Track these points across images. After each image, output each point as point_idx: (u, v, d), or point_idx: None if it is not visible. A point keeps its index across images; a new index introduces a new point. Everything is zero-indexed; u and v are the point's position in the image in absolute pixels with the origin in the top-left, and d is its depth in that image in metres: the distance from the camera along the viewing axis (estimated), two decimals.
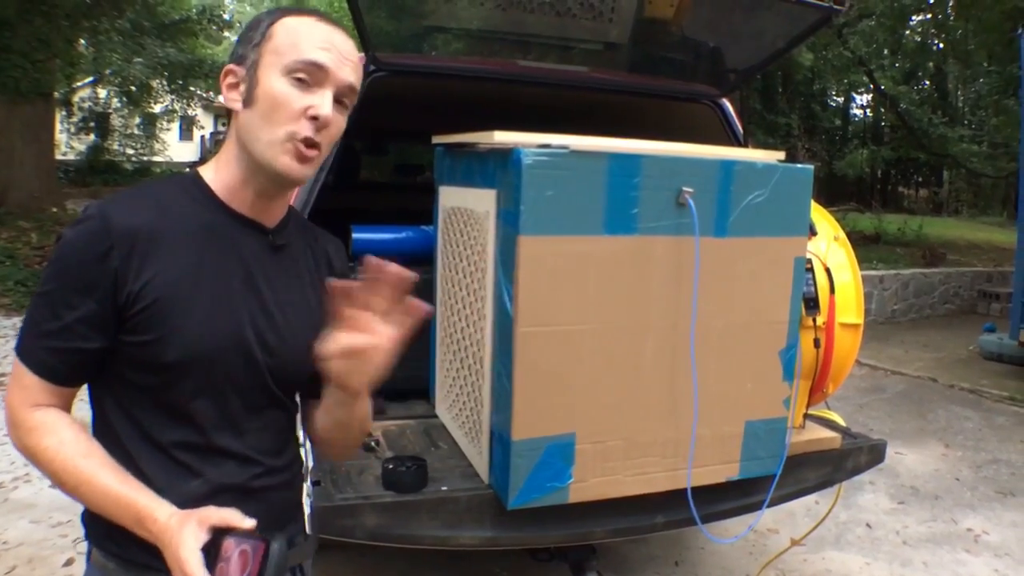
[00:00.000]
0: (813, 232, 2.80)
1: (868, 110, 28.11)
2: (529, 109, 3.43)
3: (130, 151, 24.90)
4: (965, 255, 14.52)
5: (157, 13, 18.09)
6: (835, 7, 2.81)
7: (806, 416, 2.88)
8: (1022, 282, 7.63)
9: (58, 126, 18.62)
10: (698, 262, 2.22)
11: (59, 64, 13.62)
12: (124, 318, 1.26)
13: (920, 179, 29.94)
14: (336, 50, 1.30)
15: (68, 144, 23.07)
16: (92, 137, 24.10)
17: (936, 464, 5.55)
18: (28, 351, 1.27)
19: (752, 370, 2.39)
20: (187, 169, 1.41)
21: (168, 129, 26.66)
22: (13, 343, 2.02)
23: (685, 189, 2.16)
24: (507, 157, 2.11)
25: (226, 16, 27.53)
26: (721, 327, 2.30)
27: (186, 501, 1.26)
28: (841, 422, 3.09)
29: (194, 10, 20.76)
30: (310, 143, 1.29)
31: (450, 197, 2.71)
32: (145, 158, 25.41)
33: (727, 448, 2.41)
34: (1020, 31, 7.98)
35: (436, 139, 2.79)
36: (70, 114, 22.83)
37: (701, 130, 3.38)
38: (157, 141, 26.07)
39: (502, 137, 2.10)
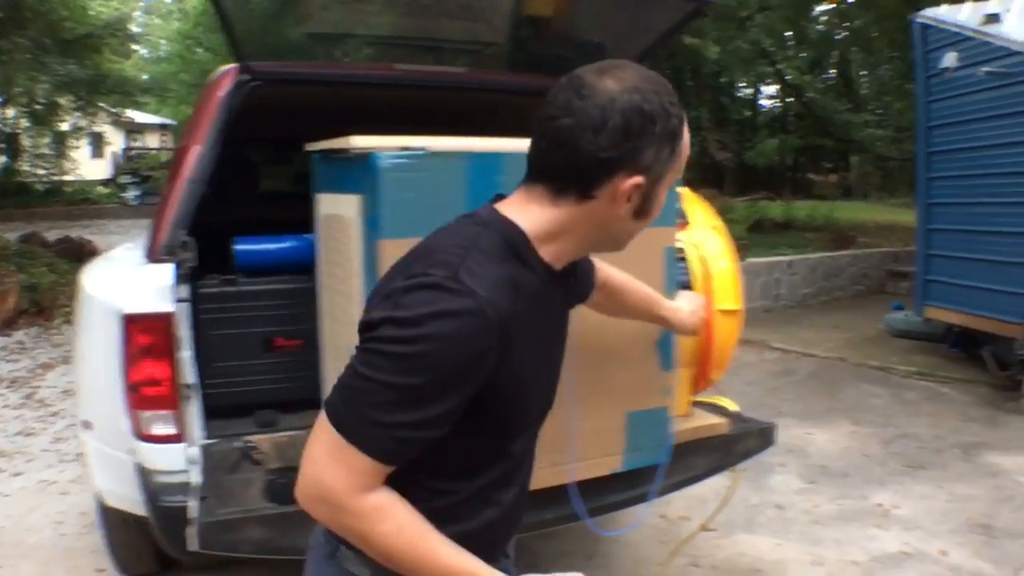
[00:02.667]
0: (686, 221, 2.83)
1: (776, 100, 28.74)
2: (413, 113, 3.42)
3: (41, 171, 24.18)
4: (875, 237, 14.90)
5: (63, 28, 17.64)
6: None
7: (694, 403, 2.92)
8: (924, 260, 7.84)
9: None
10: None
11: None
12: (476, 399, 1.23)
13: (829, 165, 30.68)
14: None
15: None
16: (2, 159, 23.37)
17: (846, 442, 5.67)
18: (370, 439, 1.19)
19: (629, 361, 2.40)
20: (489, 215, 1.34)
21: (78, 147, 25.95)
22: None
23: None
24: (367, 161, 2.09)
25: (135, 29, 26.95)
26: (595, 320, 2.30)
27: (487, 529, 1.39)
28: (733, 407, 3.14)
29: (100, 24, 20.22)
30: None
31: (325, 204, 2.68)
32: (56, 178, 24.73)
33: (610, 440, 2.42)
34: (911, 14, 8.23)
35: (309, 147, 2.76)
36: None
37: None
38: (67, 160, 25.35)
39: (360, 141, 2.08)
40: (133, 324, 2.65)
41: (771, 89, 27.34)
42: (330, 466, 1.21)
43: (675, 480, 2.70)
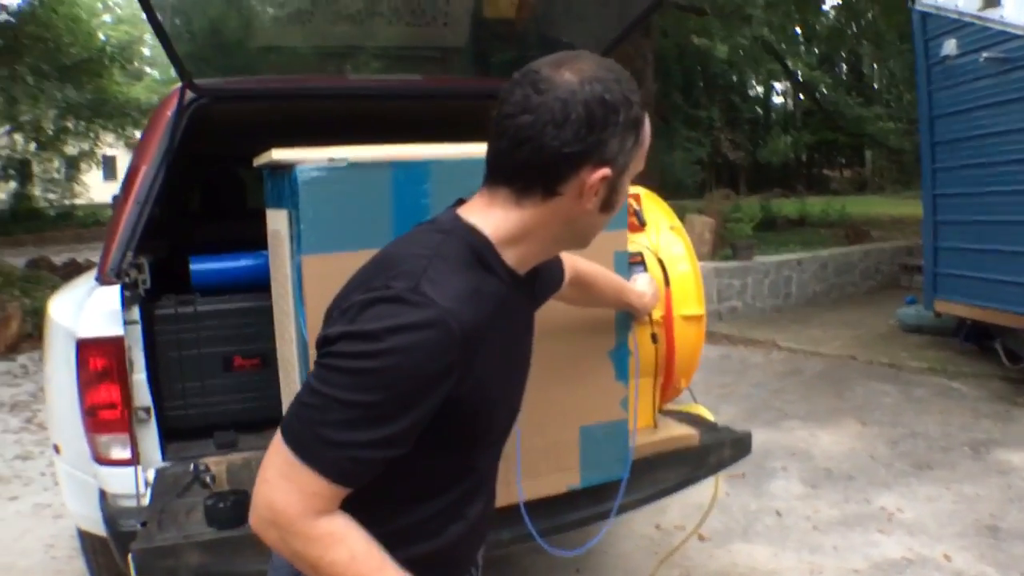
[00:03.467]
0: (642, 223, 2.73)
1: (787, 97, 28.57)
2: (371, 123, 3.34)
3: (52, 196, 24.43)
4: (889, 231, 14.70)
5: (66, 53, 17.81)
6: None
7: (663, 413, 2.81)
8: (932, 253, 7.69)
9: None
10: None
11: None
12: (440, 415, 1.19)
13: (844, 160, 30.41)
14: None
15: None
16: (13, 185, 23.64)
17: (851, 443, 5.52)
18: (325, 459, 1.13)
19: (581, 373, 2.31)
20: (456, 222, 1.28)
21: (88, 171, 26.15)
22: None
23: None
24: (291, 174, 2.02)
25: (146, 52, 27.22)
26: (541, 330, 2.21)
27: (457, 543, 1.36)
28: (709, 416, 3.03)
29: (107, 49, 20.36)
30: None
31: (271, 220, 2.61)
32: (67, 202, 24.95)
33: (564, 456, 2.32)
34: (911, 3, 8.11)
35: (256, 162, 2.70)
36: None
37: None
38: (78, 184, 25.57)
39: (280, 155, 2.00)
40: (86, 348, 2.62)
41: (782, 86, 27.23)
42: (283, 487, 1.14)
43: (642, 495, 2.60)
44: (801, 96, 23.71)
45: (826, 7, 19.38)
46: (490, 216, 1.25)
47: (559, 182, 1.20)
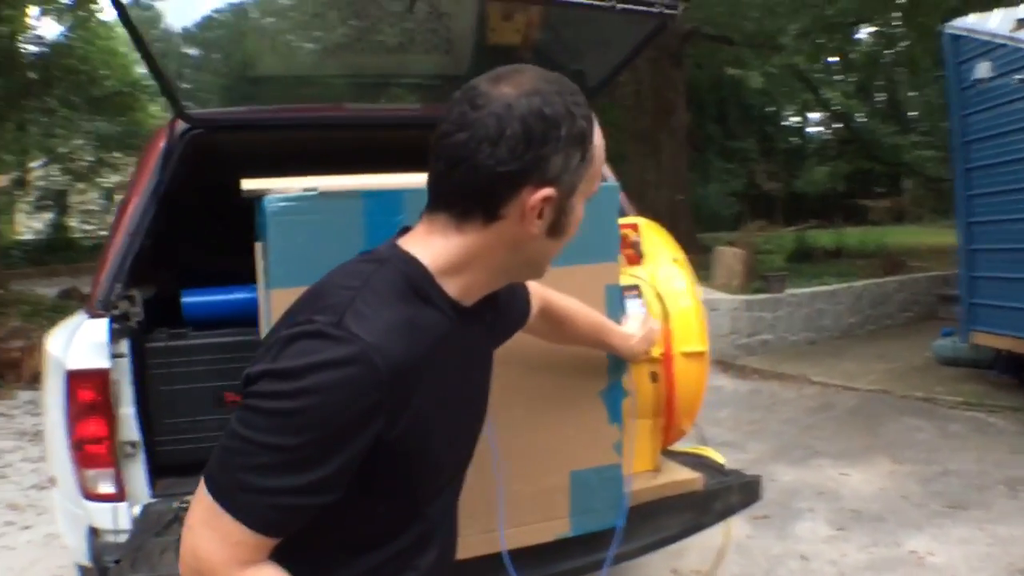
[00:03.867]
0: (640, 255, 2.61)
1: (824, 127, 28.30)
2: (369, 153, 3.28)
3: (88, 227, 24.79)
4: (927, 260, 14.40)
5: (100, 86, 18.12)
6: (666, 11, 2.68)
7: (669, 456, 2.68)
8: (967, 283, 7.49)
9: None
10: None
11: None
12: (370, 457, 1.11)
13: (881, 190, 29.95)
14: None
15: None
16: (50, 215, 24.06)
17: (882, 482, 5.33)
18: (246, 506, 1.06)
19: (570, 415, 2.18)
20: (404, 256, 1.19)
21: None
22: None
23: None
24: (261, 206, 1.94)
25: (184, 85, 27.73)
26: (526, 370, 2.10)
27: None
28: (718, 458, 2.88)
29: (130, 81, 20.66)
30: None
31: (258, 253, 2.54)
32: (103, 233, 25.31)
33: (552, 503, 2.20)
34: (940, 27, 7.98)
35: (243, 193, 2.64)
36: (26, 194, 22.82)
37: None
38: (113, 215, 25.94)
39: (250, 185, 1.93)
40: (73, 380, 2.59)
41: (818, 116, 27.00)
42: (205, 536, 1.09)
43: (641, 544, 2.47)
44: (837, 125, 23.49)
45: (861, 35, 19.23)
46: (429, 244, 1.17)
47: (499, 204, 1.12)
